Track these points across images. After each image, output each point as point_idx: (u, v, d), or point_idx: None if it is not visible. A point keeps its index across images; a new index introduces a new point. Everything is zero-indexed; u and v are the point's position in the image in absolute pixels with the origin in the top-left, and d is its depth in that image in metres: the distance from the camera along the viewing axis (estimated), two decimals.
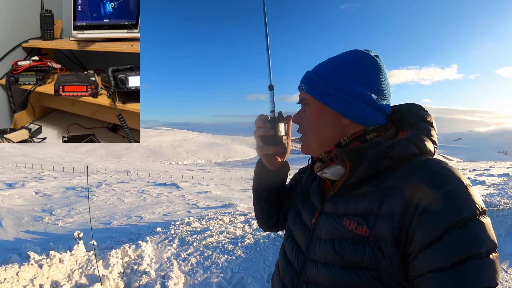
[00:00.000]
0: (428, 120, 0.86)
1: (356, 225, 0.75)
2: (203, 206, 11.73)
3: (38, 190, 13.71)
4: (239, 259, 5.06)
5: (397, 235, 0.69)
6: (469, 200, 0.66)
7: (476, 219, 0.65)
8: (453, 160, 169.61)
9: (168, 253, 5.27)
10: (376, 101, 0.84)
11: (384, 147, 0.76)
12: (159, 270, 4.67)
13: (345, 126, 0.86)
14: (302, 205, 1.00)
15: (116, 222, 8.60)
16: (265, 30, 0.98)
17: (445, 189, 0.67)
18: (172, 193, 15.27)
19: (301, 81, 0.93)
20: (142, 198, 13.34)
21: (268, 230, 1.26)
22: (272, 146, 0.96)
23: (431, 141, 0.82)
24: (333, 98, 0.85)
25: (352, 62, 0.86)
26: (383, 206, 0.73)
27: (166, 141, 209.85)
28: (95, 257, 4.29)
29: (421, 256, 0.66)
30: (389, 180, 0.76)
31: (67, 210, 9.92)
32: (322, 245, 0.82)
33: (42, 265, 3.99)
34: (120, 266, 4.57)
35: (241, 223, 7.48)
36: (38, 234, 7.30)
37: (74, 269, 4.25)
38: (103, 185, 16.75)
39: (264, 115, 0.97)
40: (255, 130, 0.97)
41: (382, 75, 0.86)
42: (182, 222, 7.29)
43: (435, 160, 0.74)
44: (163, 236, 6.05)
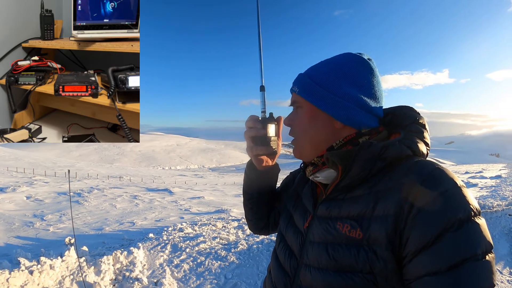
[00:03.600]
0: (421, 122, 0.85)
1: (350, 228, 0.75)
2: (196, 211, 11.63)
3: (29, 195, 13.54)
4: (233, 265, 5.03)
5: (391, 237, 0.68)
6: (463, 201, 0.66)
7: (471, 220, 0.64)
8: (446, 163, 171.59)
9: (160, 260, 5.23)
10: (369, 104, 0.84)
11: (376, 149, 0.76)
12: (151, 277, 4.62)
13: (338, 130, 0.85)
14: (294, 209, 0.98)
15: (108, 228, 8.49)
16: (258, 30, 0.99)
17: (439, 190, 0.66)
18: (165, 199, 15.14)
19: (293, 83, 0.92)
20: (135, 203, 13.19)
21: (258, 232, 1.25)
22: (263, 147, 0.96)
23: (423, 143, 0.81)
24: (326, 100, 0.84)
25: (345, 65, 0.86)
26: (377, 208, 0.72)
27: (159, 146, 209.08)
28: (79, 267, 4.23)
29: (416, 259, 0.65)
30: (382, 182, 0.75)
31: (58, 216, 9.78)
32: (315, 249, 0.81)
33: (32, 271, 3.94)
34: (111, 273, 4.52)
35: (234, 228, 7.43)
36: (29, 239, 7.18)
37: (65, 276, 4.20)
38: (95, 190, 16.55)
39: (255, 115, 0.97)
40: (245, 130, 0.97)
41: (375, 78, 0.86)
42: (174, 228, 7.24)
43: (428, 162, 0.74)
44: (155, 242, 5.99)
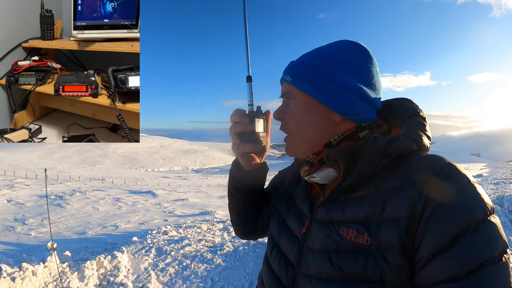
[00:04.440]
0: (421, 115, 0.79)
1: (356, 233, 0.67)
2: (180, 214, 11.54)
3: (10, 198, 13.23)
4: (219, 268, 5.03)
5: (404, 242, 0.62)
6: (479, 199, 0.61)
7: (487, 220, 0.60)
8: None
9: (145, 264, 5.18)
10: (369, 95, 0.77)
11: (382, 143, 0.69)
12: (136, 282, 4.57)
13: (336, 123, 0.77)
14: (286, 212, 0.90)
15: (91, 231, 8.32)
16: (245, 19, 0.90)
17: (453, 188, 0.61)
18: (148, 201, 14.93)
19: (285, 72, 0.82)
20: (118, 206, 12.96)
21: (246, 238, 1.14)
22: (250, 144, 0.86)
23: (426, 136, 0.75)
24: (324, 90, 0.75)
25: (343, 52, 0.78)
26: (386, 210, 0.65)
27: (142, 148, 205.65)
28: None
29: (431, 264, 0.60)
30: (389, 180, 0.68)
31: (40, 220, 9.53)
32: (316, 258, 0.73)
33: (14, 278, 3.85)
34: (96, 278, 4.45)
35: (220, 230, 7.42)
36: (10, 245, 6.97)
37: (48, 282, 4.11)
38: (77, 193, 16.15)
39: (241, 109, 0.87)
40: (231, 126, 0.87)
41: (374, 67, 0.79)
42: (159, 231, 7.18)
43: (436, 157, 0.68)
44: (139, 246, 5.93)
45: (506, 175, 25.16)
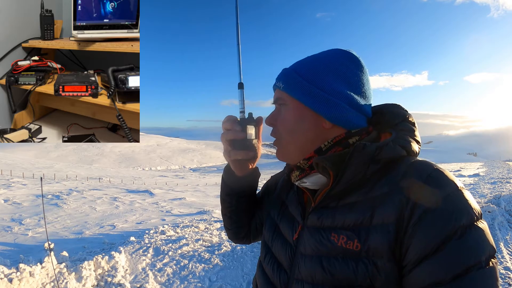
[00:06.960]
0: (410, 120, 0.81)
1: (346, 239, 0.69)
2: (177, 213, 11.55)
3: (7, 198, 13.19)
4: (217, 268, 5.04)
5: (393, 247, 0.64)
6: (465, 205, 0.63)
7: (474, 226, 0.61)
8: None
9: (143, 264, 5.18)
10: (359, 102, 0.78)
11: (370, 150, 0.70)
12: (134, 282, 4.58)
13: (326, 130, 0.79)
14: (279, 217, 0.91)
15: (88, 231, 8.32)
16: (237, 25, 0.91)
17: (440, 194, 0.63)
18: (146, 200, 14.94)
19: (278, 78, 0.84)
20: (115, 205, 12.97)
21: (239, 242, 1.15)
22: (242, 151, 0.87)
23: (415, 141, 0.77)
24: (315, 98, 0.77)
25: (335, 61, 0.80)
26: (375, 216, 0.67)
27: (139, 147, 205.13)
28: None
29: (418, 269, 0.61)
30: (377, 187, 0.70)
31: (37, 219, 9.52)
32: (308, 263, 0.75)
33: (12, 279, 3.85)
34: (93, 279, 4.45)
35: (217, 230, 7.42)
36: (7, 245, 6.96)
37: (45, 283, 4.11)
38: (74, 192, 16.13)
39: (232, 116, 0.88)
40: (222, 133, 0.88)
41: (365, 75, 0.81)
42: (156, 230, 7.18)
43: (425, 162, 0.70)
44: (137, 246, 5.93)
45: (503, 174, 25.31)
